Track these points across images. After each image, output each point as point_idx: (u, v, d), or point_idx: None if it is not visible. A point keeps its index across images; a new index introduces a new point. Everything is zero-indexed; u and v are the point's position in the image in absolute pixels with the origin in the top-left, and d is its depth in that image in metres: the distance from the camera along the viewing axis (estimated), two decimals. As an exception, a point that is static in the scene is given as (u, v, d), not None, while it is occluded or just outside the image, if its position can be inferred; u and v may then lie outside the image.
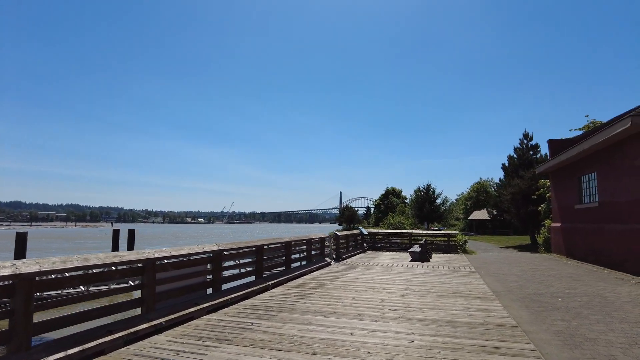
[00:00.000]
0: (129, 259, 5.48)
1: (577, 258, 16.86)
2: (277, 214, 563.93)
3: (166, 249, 6.51)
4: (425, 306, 7.93)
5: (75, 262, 4.69)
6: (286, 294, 9.11)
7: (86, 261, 4.86)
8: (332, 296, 8.86)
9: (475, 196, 71.18)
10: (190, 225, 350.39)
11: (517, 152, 33.53)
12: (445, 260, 17.53)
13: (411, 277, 12.05)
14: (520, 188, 27.67)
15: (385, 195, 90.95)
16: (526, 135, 33.32)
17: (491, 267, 15.31)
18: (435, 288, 10.16)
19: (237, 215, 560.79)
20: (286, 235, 73.71)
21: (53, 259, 4.55)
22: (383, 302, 8.35)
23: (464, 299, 8.78)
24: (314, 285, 10.26)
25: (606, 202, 14.56)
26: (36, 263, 4.30)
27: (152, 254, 5.98)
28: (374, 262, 16.53)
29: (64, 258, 4.67)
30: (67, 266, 4.56)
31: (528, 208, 26.81)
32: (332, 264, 15.21)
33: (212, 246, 7.65)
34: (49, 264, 4.40)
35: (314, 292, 9.36)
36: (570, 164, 17.84)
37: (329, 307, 7.68)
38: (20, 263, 4.16)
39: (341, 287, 10.13)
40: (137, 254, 5.75)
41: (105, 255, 5.25)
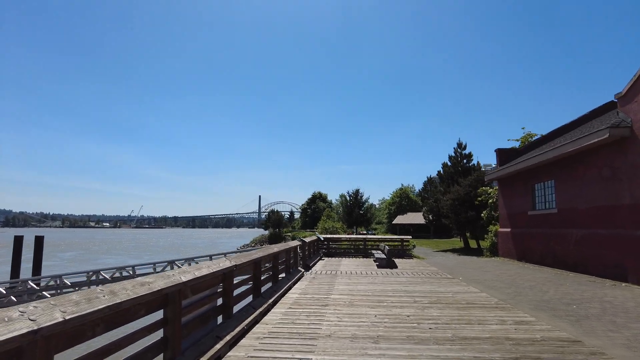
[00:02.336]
0: (157, 287, 3.85)
1: (532, 262, 17.57)
2: (191, 219, 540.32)
3: (186, 269, 4.87)
4: (458, 321, 7.25)
5: (104, 300, 3.04)
6: (293, 313, 7.75)
7: (114, 296, 3.21)
8: (351, 314, 7.71)
9: (399, 201, 73.99)
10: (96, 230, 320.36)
11: (452, 160, 35.05)
12: (409, 266, 17.16)
13: (403, 287, 11.32)
14: (459, 194, 28.75)
15: (312, 199, 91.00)
16: (460, 144, 34.97)
17: (461, 272, 15.21)
18: (443, 298, 9.51)
19: (146, 220, 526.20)
20: (200, 242, 70.08)
21: (73, 297, 2.87)
22: (410, 317, 7.49)
23: (484, 309, 8.27)
24: (315, 302, 8.98)
25: (565, 209, 15.25)
26: (54, 306, 2.63)
27: (178, 277, 4.36)
28: (343, 269, 15.59)
29: (87, 294, 2.99)
30: (95, 307, 2.91)
31: (467, 214, 27.89)
32: (305, 274, 13.95)
33: (223, 262, 6.07)
34: (72, 306, 2.73)
35: (324, 310, 8.11)
36: (523, 172, 18.62)
37: (363, 329, 6.55)
38: (34, 310, 2.49)
39: (347, 302, 8.98)
40: (163, 279, 4.11)
41: (133, 284, 3.60)
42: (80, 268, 42.40)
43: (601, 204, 13.08)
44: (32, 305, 2.50)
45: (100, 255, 64.00)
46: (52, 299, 2.69)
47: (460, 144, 35.04)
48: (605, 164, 12.79)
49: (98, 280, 15.34)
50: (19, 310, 2.38)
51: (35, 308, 2.48)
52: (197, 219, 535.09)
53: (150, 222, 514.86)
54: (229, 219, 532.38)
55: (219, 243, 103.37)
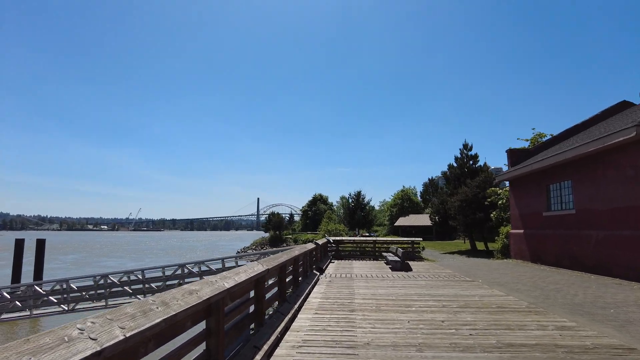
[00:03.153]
0: (205, 296, 3.48)
1: (547, 263, 17.23)
2: (190, 221, 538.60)
3: (225, 274, 4.51)
4: (496, 326, 6.99)
5: (159, 313, 2.68)
6: (321, 319, 7.38)
7: (167, 307, 2.85)
8: (382, 320, 7.35)
9: (401, 203, 73.62)
10: (94, 233, 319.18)
11: (458, 161, 34.73)
12: (423, 269, 16.81)
13: (425, 290, 10.99)
14: (467, 196, 28.43)
15: (313, 201, 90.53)
16: (466, 145, 34.68)
17: (478, 274, 14.85)
18: (471, 302, 9.18)
19: (144, 222, 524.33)
20: (200, 244, 69.84)
21: (127, 309, 2.52)
22: (445, 323, 7.17)
23: (518, 313, 8.01)
24: (340, 307, 8.61)
25: (584, 209, 14.93)
26: (111, 322, 2.27)
27: (222, 284, 4.00)
28: (357, 272, 15.25)
29: (141, 306, 2.64)
30: (153, 321, 2.55)
31: (475, 215, 27.56)
32: (320, 277, 13.57)
33: (256, 266, 5.70)
34: (129, 320, 2.38)
35: (352, 315, 7.74)
36: (537, 173, 18.30)
37: (401, 336, 6.20)
38: (92, 326, 2.13)
39: (373, 307, 8.61)
40: (208, 286, 3.74)
41: (182, 293, 3.23)
42: (83, 270, 42.04)
43: (624, 204, 12.76)
44: (90, 321, 2.13)
45: (101, 258, 63.48)
46: (108, 313, 2.33)
47: (466, 145, 34.76)
48: (629, 163, 12.47)
49: (106, 285, 14.93)
50: (77, 327, 2.02)
51: (93, 324, 2.12)
52: (195, 222, 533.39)
53: (149, 225, 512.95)
54: (228, 222, 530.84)
55: (219, 246, 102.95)
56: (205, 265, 14.72)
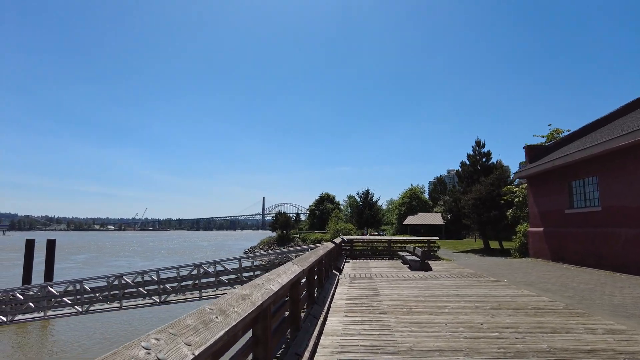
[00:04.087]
0: (259, 301, 3.12)
1: (570, 262, 16.74)
2: (195, 221, 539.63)
3: (269, 276, 4.14)
4: (540, 329, 6.64)
5: (220, 324, 2.34)
6: (353, 322, 7.02)
7: (226, 317, 2.50)
8: (418, 323, 6.97)
9: (409, 202, 73.03)
10: (101, 233, 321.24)
11: (471, 159, 34.20)
12: (442, 268, 16.40)
13: (452, 291, 10.61)
14: (481, 194, 27.93)
15: (320, 200, 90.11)
16: (478, 142, 34.15)
17: (500, 274, 14.41)
18: (504, 303, 8.79)
19: (150, 223, 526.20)
20: (207, 244, 70.02)
21: (188, 321, 2.17)
22: (485, 326, 6.80)
23: (558, 315, 7.62)
24: (369, 308, 8.24)
25: (611, 206, 14.44)
26: (175, 337, 1.93)
27: (269, 287, 3.65)
28: (375, 272, 14.89)
29: (200, 316, 2.30)
30: (216, 334, 2.21)
31: (490, 213, 27.06)
32: (340, 277, 13.21)
33: (293, 267, 5.33)
34: (193, 335, 2.04)
35: (385, 318, 7.37)
36: (558, 169, 17.80)
37: (443, 341, 5.83)
38: (157, 344, 1.78)
39: (404, 309, 8.23)
40: (258, 290, 3.38)
41: (235, 298, 2.88)
42: (94, 270, 42.06)
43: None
44: (153, 338, 1.78)
45: (111, 257, 63.58)
46: (170, 327, 1.97)
47: (479, 142, 34.22)
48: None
49: (120, 285, 14.65)
50: (142, 346, 1.66)
51: (158, 341, 1.76)
52: (201, 221, 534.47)
53: (155, 225, 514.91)
54: (233, 221, 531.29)
55: (227, 245, 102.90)
56: (221, 265, 14.41)
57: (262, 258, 17.39)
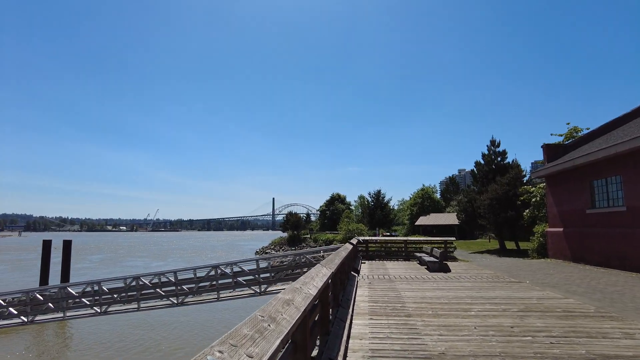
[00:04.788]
0: (302, 306, 3.03)
1: (592, 263, 16.38)
2: (206, 222, 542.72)
3: (304, 279, 4.04)
4: (575, 333, 6.43)
5: (274, 332, 2.25)
6: (379, 325, 6.89)
7: (277, 324, 2.41)
8: (446, 326, 6.81)
9: (421, 202, 72.52)
10: (114, 233, 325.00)
11: (486, 158, 33.75)
12: (461, 269, 16.15)
13: (476, 293, 10.42)
14: (497, 194, 27.54)
15: (331, 201, 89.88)
16: (493, 142, 33.69)
17: (522, 275, 14.14)
18: (531, 306, 8.58)
19: (162, 223, 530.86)
20: (219, 244, 70.84)
21: (244, 331, 2.08)
22: (515, 329, 6.64)
23: (591, 319, 7.39)
24: (393, 311, 8.09)
25: (637, 206, 14.07)
26: (236, 348, 1.84)
27: (307, 290, 3.54)
28: (393, 273, 14.73)
29: (254, 324, 2.20)
30: (273, 344, 2.12)
31: (507, 213, 26.67)
32: (358, 279, 13.08)
33: (322, 270, 5.22)
34: (252, 345, 1.95)
35: (411, 321, 7.22)
36: (579, 168, 17.44)
37: (475, 345, 5.66)
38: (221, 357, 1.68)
39: (429, 311, 8.07)
40: (298, 294, 3.29)
41: (281, 304, 2.78)
42: (110, 270, 42.64)
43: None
44: (217, 351, 1.68)
45: (126, 258, 64.30)
46: (230, 338, 1.88)
47: (494, 141, 33.75)
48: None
49: (138, 287, 14.69)
50: (208, 359, 1.56)
51: (222, 354, 1.66)
52: (212, 222, 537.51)
53: (166, 225, 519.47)
54: (244, 222, 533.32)
55: (238, 245, 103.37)
56: (238, 266, 14.37)
57: (278, 259, 17.32)
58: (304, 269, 14.46)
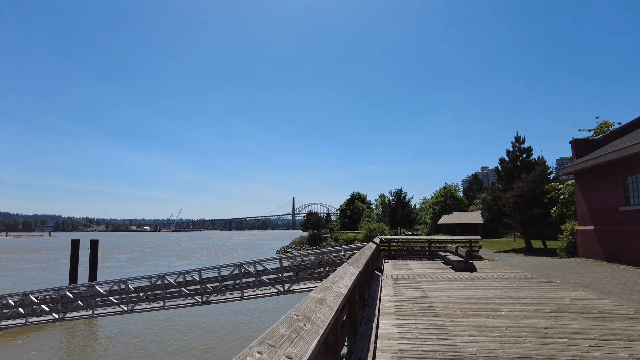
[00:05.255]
0: (335, 305, 2.94)
1: (627, 263, 15.74)
2: (228, 221, 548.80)
3: (334, 278, 3.96)
4: (614, 335, 6.14)
5: (310, 332, 2.17)
6: (407, 325, 6.73)
7: (313, 324, 2.33)
8: (476, 327, 6.61)
9: (443, 201, 71.45)
10: (139, 233, 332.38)
11: (510, 155, 32.96)
12: (487, 269, 15.79)
13: (504, 292, 10.14)
14: (523, 191, 26.85)
15: (351, 200, 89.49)
16: (518, 138, 32.85)
17: (551, 275, 13.70)
18: (564, 307, 8.26)
19: (184, 223, 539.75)
20: (241, 243, 72.04)
21: (281, 330, 2.01)
22: (549, 331, 6.40)
23: (631, 321, 7.06)
24: (420, 311, 7.93)
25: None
26: (275, 349, 1.75)
27: (338, 290, 3.46)
28: (418, 272, 14.51)
29: (290, 324, 2.13)
30: (311, 344, 2.03)
31: (533, 211, 25.97)
32: (382, 278, 12.93)
33: (351, 268, 5.12)
34: (290, 346, 1.87)
35: (439, 321, 7.05)
36: (611, 164, 16.80)
37: (508, 346, 5.46)
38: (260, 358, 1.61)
39: (458, 311, 7.88)
40: (329, 293, 3.20)
41: (314, 302, 2.71)
42: (136, 269, 43.69)
43: None
44: (256, 352, 1.61)
45: (151, 257, 65.72)
46: (268, 338, 1.82)
47: (518, 137, 32.89)
48: None
49: (163, 285, 14.91)
50: (248, 360, 1.50)
51: (261, 355, 1.60)
52: (233, 222, 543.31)
53: (189, 225, 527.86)
54: (264, 221, 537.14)
55: (259, 244, 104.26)
56: (261, 265, 14.40)
57: (300, 258, 17.31)
58: (325, 269, 14.38)
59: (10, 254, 73.61)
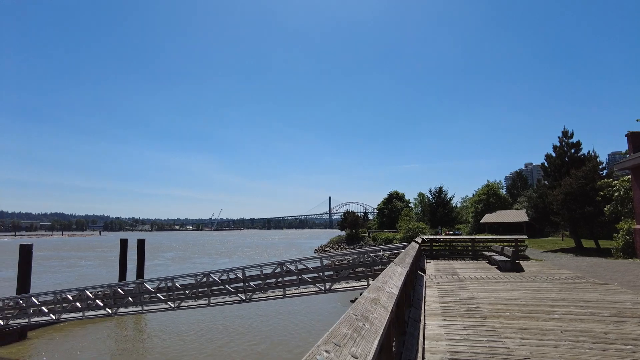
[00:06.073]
0: (389, 305, 2.92)
1: (691, 265, 14.65)
2: (267, 220, 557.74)
3: (383, 278, 3.94)
4: None
5: (370, 331, 2.17)
6: (454, 327, 6.58)
7: (371, 324, 2.33)
8: (528, 330, 6.37)
9: (486, 199, 69.20)
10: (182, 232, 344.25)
11: (557, 151, 31.49)
12: (535, 269, 15.15)
13: (556, 294, 9.70)
14: (572, 188, 25.55)
15: (389, 199, 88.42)
16: (565, 132, 31.34)
17: (607, 276, 12.98)
18: (625, 311, 7.80)
19: (225, 222, 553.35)
20: (280, 242, 73.55)
21: (342, 329, 2.02)
22: (610, 336, 6.06)
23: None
24: (467, 312, 7.72)
25: None
26: (340, 348, 1.75)
27: (390, 290, 3.44)
28: (462, 273, 14.15)
29: (350, 323, 2.13)
30: (372, 344, 2.04)
31: (584, 209, 24.66)
32: (425, 279, 12.71)
33: (398, 268, 5.07)
34: (353, 345, 1.88)
35: (488, 323, 6.84)
36: (672, 158, 15.69)
37: (565, 351, 5.22)
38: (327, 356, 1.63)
39: (507, 313, 7.61)
40: (381, 293, 3.19)
41: (369, 302, 2.73)
42: (182, 266, 45.46)
43: None
44: (324, 351, 1.65)
45: (195, 255, 68.01)
46: (332, 337, 1.86)
47: (566, 132, 31.35)
48: None
49: (208, 283, 15.36)
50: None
51: (328, 354, 1.63)
52: (272, 221, 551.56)
53: (229, 224, 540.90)
54: (302, 220, 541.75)
55: (298, 243, 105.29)
56: (302, 264, 14.54)
57: (338, 257, 17.32)
58: (365, 269, 14.29)
59: (70, 252, 78.41)
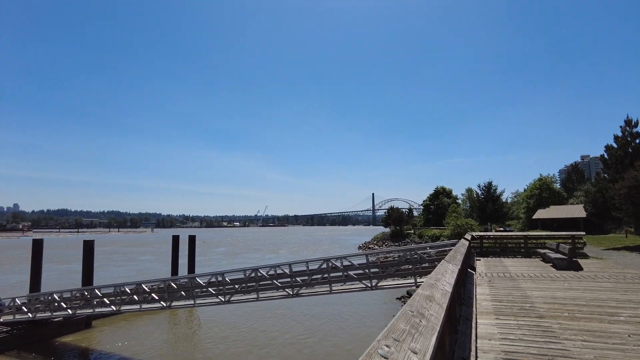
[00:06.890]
0: (444, 303, 2.90)
1: None
2: (310, 217, 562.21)
3: (436, 275, 3.90)
4: None
5: (427, 328, 2.16)
6: (507, 326, 6.37)
7: (428, 321, 2.33)
8: (590, 332, 6.06)
9: (538, 194, 65.99)
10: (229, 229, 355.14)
11: (619, 141, 29.43)
12: (595, 268, 14.30)
13: (620, 295, 9.15)
14: (637, 181, 23.83)
15: (435, 195, 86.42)
16: (629, 121, 29.20)
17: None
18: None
19: (270, 219, 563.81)
20: (324, 238, 74.34)
21: (400, 325, 2.04)
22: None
23: None
24: (521, 311, 7.44)
25: None
26: (400, 344, 1.77)
27: (443, 287, 3.42)
28: (514, 271, 13.64)
29: (406, 319, 2.14)
30: (430, 341, 2.03)
31: (651, 204, 22.95)
32: (475, 276, 12.37)
33: (450, 266, 4.98)
34: (412, 340, 1.88)
35: (544, 323, 6.57)
36: None
37: (635, 356, 4.90)
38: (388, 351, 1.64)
39: (564, 313, 7.28)
40: (436, 290, 3.17)
41: (424, 298, 2.73)
42: (231, 261, 47.11)
43: None
44: (384, 345, 1.69)
45: (244, 250, 70.26)
46: (391, 332, 1.90)
47: (629, 121, 29.16)
48: None
49: (256, 278, 15.76)
50: (379, 354, 1.59)
51: (389, 349, 1.67)
52: (315, 217, 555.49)
53: (274, 221, 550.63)
54: (345, 217, 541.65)
55: (341, 240, 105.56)
56: (348, 260, 14.56)
57: (383, 254, 17.18)
58: (412, 266, 14.08)
59: (129, 248, 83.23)
